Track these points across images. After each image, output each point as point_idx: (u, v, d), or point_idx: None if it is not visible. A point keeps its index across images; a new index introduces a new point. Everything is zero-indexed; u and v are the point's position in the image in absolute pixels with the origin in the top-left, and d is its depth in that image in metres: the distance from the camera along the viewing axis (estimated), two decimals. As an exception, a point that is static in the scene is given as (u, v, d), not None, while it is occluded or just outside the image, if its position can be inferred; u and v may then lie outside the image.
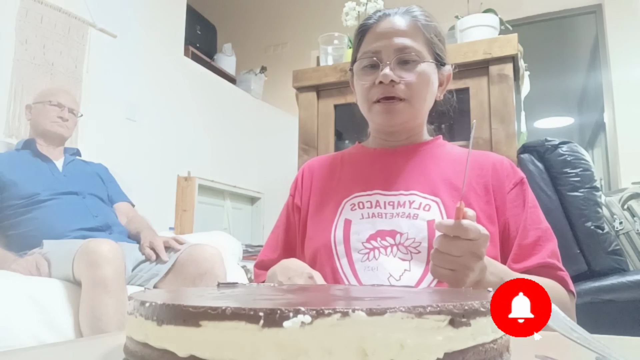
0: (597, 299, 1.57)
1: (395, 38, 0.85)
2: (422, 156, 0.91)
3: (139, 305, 0.35)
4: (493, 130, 1.69)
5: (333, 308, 0.28)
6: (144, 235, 1.87)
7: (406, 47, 0.85)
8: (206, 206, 3.67)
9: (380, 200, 0.86)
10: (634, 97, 3.51)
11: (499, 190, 0.85)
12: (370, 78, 0.87)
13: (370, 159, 0.94)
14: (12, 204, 1.83)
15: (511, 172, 0.88)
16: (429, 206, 0.82)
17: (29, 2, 2.46)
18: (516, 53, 1.70)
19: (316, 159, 1.02)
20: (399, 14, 0.89)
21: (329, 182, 0.95)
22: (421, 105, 0.88)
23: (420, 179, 0.87)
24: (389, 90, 0.84)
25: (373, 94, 0.86)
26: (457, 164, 0.89)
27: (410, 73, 0.85)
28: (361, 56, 0.89)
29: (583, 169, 1.67)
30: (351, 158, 0.98)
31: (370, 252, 0.82)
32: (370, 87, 0.86)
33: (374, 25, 0.89)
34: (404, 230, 0.81)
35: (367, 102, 0.88)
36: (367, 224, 0.84)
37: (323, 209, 0.91)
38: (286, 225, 0.99)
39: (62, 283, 1.53)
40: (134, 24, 3.13)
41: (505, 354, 0.35)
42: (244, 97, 4.25)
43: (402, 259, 0.80)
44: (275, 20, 4.94)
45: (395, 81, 0.84)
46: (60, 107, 2.03)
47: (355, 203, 0.87)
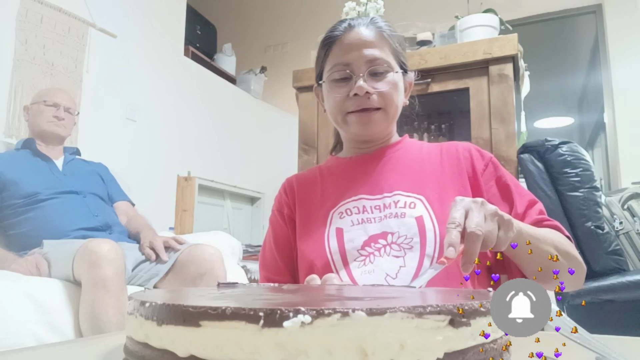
0: (597, 299, 1.57)
1: (365, 50, 0.88)
2: (398, 157, 0.94)
3: (139, 305, 0.35)
4: (493, 130, 1.69)
5: (333, 308, 0.28)
6: (144, 235, 1.87)
7: (376, 59, 0.88)
8: (206, 206, 3.67)
9: (367, 205, 0.87)
10: (634, 97, 3.51)
11: (472, 175, 0.88)
12: (343, 90, 0.88)
13: (348, 168, 0.95)
14: (12, 204, 1.83)
15: (479, 155, 0.91)
16: (414, 204, 0.84)
17: (29, 2, 2.46)
18: (516, 53, 1.70)
19: (294, 177, 1.03)
20: (364, 24, 0.90)
21: (312, 197, 0.96)
22: (395, 112, 0.92)
23: (400, 179, 0.89)
24: (364, 102, 0.87)
25: (348, 105, 0.88)
26: (431, 158, 0.92)
27: (382, 83, 0.88)
28: (332, 68, 0.90)
29: (583, 169, 1.67)
30: (329, 171, 0.99)
31: (366, 258, 0.83)
32: (344, 99, 0.88)
33: (340, 36, 0.90)
34: (394, 229, 0.83)
35: (341, 114, 0.90)
36: (358, 231, 0.85)
37: (311, 223, 0.91)
38: (280, 241, 0.97)
39: (62, 283, 1.53)
40: (134, 24, 3.13)
41: (505, 354, 0.35)
42: (244, 97, 4.25)
43: (396, 256, 0.81)
44: (275, 20, 4.94)
45: (369, 92, 0.86)
46: (56, 107, 2.03)
47: (343, 211, 0.88)
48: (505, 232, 0.64)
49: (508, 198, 0.85)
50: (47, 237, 1.74)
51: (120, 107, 2.99)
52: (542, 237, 0.75)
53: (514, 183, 0.87)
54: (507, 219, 0.65)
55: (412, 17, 2.09)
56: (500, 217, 0.64)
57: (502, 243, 0.64)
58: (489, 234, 0.62)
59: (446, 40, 1.98)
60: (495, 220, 0.64)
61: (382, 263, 0.81)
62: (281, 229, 0.97)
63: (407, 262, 0.80)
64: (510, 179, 0.88)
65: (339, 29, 0.91)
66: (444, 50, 1.82)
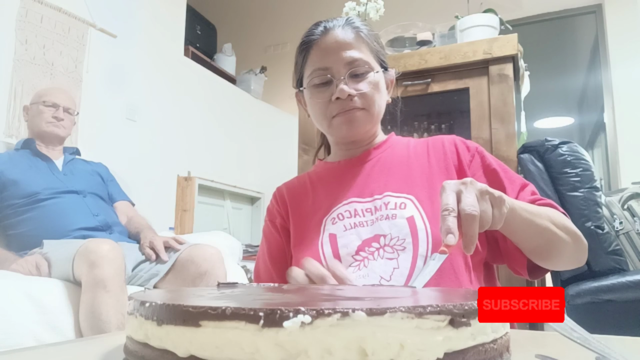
0: (597, 299, 1.57)
1: (343, 52, 0.86)
2: (385, 157, 0.93)
3: (139, 305, 0.35)
4: (493, 130, 1.69)
5: (333, 308, 0.28)
6: (144, 235, 1.87)
7: (355, 60, 0.86)
8: (206, 206, 3.67)
9: (358, 208, 0.87)
10: (634, 97, 3.51)
11: (459, 167, 0.87)
12: (325, 95, 0.87)
13: (337, 173, 0.95)
14: (12, 204, 1.83)
15: (464, 147, 0.90)
16: (404, 204, 0.83)
17: (29, 2, 2.46)
18: (516, 53, 1.70)
19: (283, 186, 1.02)
20: (341, 26, 0.89)
21: (304, 205, 0.95)
22: (378, 112, 0.90)
23: (389, 180, 0.88)
24: (347, 104, 0.86)
25: (332, 109, 0.87)
26: (418, 155, 0.91)
27: (363, 84, 0.86)
28: (311, 74, 0.89)
29: (583, 169, 1.67)
30: (319, 177, 0.98)
31: (361, 263, 0.82)
32: (327, 104, 0.87)
33: (317, 40, 0.89)
34: (386, 232, 0.82)
35: (327, 119, 0.89)
36: (352, 235, 0.84)
37: (305, 233, 0.91)
38: (274, 253, 0.96)
39: (62, 283, 1.53)
40: (134, 24, 3.12)
41: (505, 354, 0.35)
42: (244, 97, 4.25)
43: (389, 259, 0.80)
44: (275, 20, 4.95)
45: (351, 95, 0.85)
46: (55, 107, 2.03)
47: (335, 216, 0.88)
48: (499, 210, 0.63)
49: (499, 185, 0.83)
50: (47, 237, 1.74)
51: (120, 107, 2.99)
52: (536, 212, 0.74)
53: (502, 168, 0.87)
54: (499, 196, 0.64)
55: (412, 17, 2.09)
56: (491, 194, 0.63)
57: (497, 221, 0.63)
58: (484, 213, 0.61)
59: (446, 40, 1.98)
60: (487, 199, 0.63)
61: (376, 266, 0.80)
62: (275, 240, 0.96)
63: (401, 263, 0.79)
64: (498, 165, 0.87)
65: (316, 33, 0.90)
66: (444, 50, 1.82)
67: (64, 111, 2.05)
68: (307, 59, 0.91)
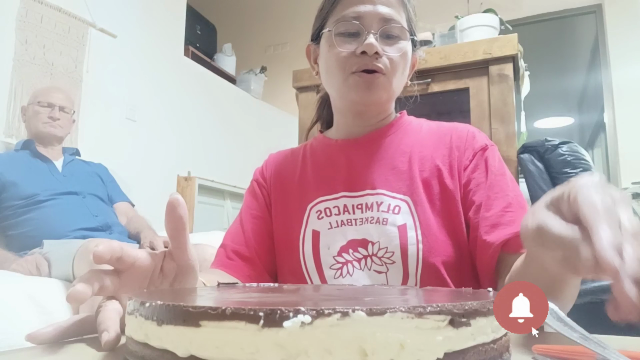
0: (597, 299, 1.57)
1: (380, 6, 0.76)
2: (388, 145, 0.82)
3: (139, 305, 0.35)
4: (493, 130, 1.69)
5: (333, 308, 0.28)
6: (144, 235, 1.88)
7: (392, 19, 0.76)
8: (206, 206, 3.67)
9: (348, 204, 0.79)
10: (634, 97, 3.51)
11: (460, 166, 0.78)
12: (349, 47, 0.76)
13: (332, 154, 0.85)
14: (12, 205, 1.83)
15: (471, 143, 0.78)
16: (399, 207, 0.75)
17: (29, 2, 2.46)
18: (516, 53, 1.70)
19: (274, 155, 0.93)
20: None
21: (290, 183, 0.87)
22: (398, 84, 0.80)
23: (387, 174, 0.79)
24: (370, 62, 0.75)
25: (352, 64, 0.76)
26: (426, 145, 0.81)
27: (394, 48, 0.76)
28: (338, 19, 0.77)
29: (583, 169, 1.67)
30: (313, 153, 0.89)
31: (343, 267, 0.76)
32: (349, 57, 0.76)
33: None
34: (375, 239, 0.75)
35: (344, 73, 0.77)
36: (337, 235, 0.77)
37: (287, 216, 0.84)
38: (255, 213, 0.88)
39: (62, 283, 1.53)
40: (134, 24, 3.13)
41: (505, 354, 0.35)
42: (244, 97, 4.26)
43: (378, 272, 0.74)
44: (275, 20, 4.95)
45: (379, 53, 0.75)
46: (51, 107, 2.02)
47: (322, 210, 0.80)
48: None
49: (487, 197, 0.73)
50: (47, 237, 1.74)
51: (120, 107, 2.99)
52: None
53: (502, 182, 0.74)
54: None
55: (412, 17, 2.08)
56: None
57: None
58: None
59: (446, 40, 1.98)
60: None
61: (363, 279, 0.74)
62: (258, 201, 0.89)
63: (390, 279, 0.73)
64: (497, 174, 0.75)
65: None
66: (444, 50, 1.82)
67: (60, 110, 2.04)
68: (335, 6, 0.79)
